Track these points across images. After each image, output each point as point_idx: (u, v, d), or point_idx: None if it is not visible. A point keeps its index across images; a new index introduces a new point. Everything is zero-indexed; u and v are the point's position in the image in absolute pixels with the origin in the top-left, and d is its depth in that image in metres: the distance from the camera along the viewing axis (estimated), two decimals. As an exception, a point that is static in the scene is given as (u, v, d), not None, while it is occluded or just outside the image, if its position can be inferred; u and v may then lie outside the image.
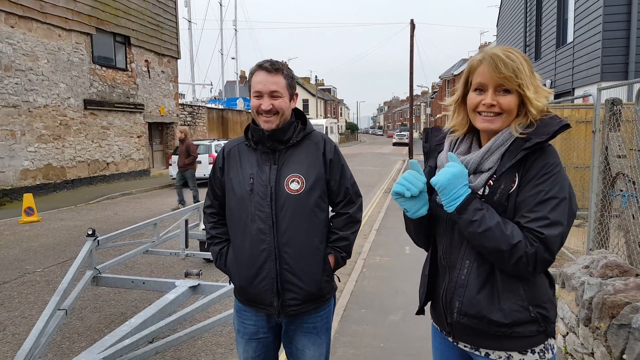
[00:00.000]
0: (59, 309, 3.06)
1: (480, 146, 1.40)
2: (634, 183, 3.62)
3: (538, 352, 1.33)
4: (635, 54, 10.10)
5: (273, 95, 1.80)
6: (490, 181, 1.31)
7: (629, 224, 3.49)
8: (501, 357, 1.34)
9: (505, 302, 1.30)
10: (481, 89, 1.33)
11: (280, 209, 1.78)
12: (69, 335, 3.90)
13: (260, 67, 1.82)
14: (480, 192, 1.33)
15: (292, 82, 1.88)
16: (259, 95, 1.80)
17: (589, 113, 6.95)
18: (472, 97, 1.35)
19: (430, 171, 1.48)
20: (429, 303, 1.56)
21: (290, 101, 1.86)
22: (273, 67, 1.82)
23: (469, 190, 1.31)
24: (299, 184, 1.79)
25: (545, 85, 14.40)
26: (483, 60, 1.31)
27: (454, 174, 1.32)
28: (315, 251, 1.83)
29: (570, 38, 12.60)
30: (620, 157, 3.81)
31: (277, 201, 1.78)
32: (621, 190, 3.66)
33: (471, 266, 1.34)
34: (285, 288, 1.80)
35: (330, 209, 1.95)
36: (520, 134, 1.30)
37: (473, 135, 1.44)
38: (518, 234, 1.24)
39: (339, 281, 2.06)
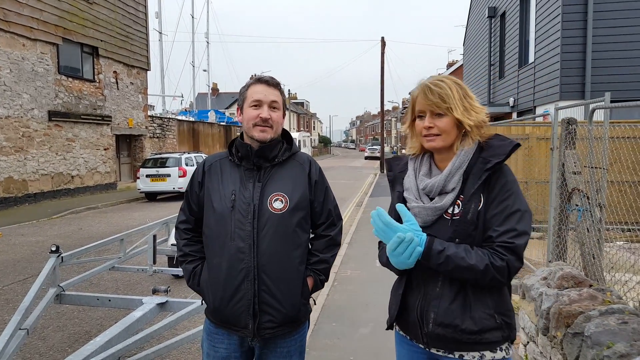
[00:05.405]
0: (20, 329, 2.95)
1: (437, 166, 1.58)
2: (588, 198, 3.82)
3: (504, 349, 1.50)
4: (591, 75, 10.68)
5: (272, 106, 1.79)
6: (459, 201, 1.47)
7: (584, 237, 3.68)
8: (475, 357, 1.46)
9: (475, 310, 1.44)
10: (421, 115, 1.53)
11: (261, 227, 1.72)
12: (30, 356, 3.76)
13: (259, 80, 1.81)
14: (450, 211, 1.48)
15: (285, 100, 1.89)
16: (258, 104, 1.77)
17: (548, 130, 7.29)
18: (417, 124, 1.55)
19: (399, 195, 1.61)
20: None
21: (283, 118, 1.86)
22: (272, 80, 1.82)
23: (424, 235, 1.42)
24: (282, 202, 1.74)
25: (508, 103, 14.96)
26: (418, 91, 1.52)
27: (414, 224, 1.43)
28: (295, 273, 1.78)
29: (531, 58, 13.19)
30: (575, 173, 4.02)
31: (259, 219, 1.72)
32: (577, 205, 3.85)
33: (445, 280, 1.47)
34: (262, 310, 1.73)
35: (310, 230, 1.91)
36: (480, 157, 1.47)
37: (430, 156, 1.60)
38: (482, 259, 1.38)
39: (315, 304, 2.01)
